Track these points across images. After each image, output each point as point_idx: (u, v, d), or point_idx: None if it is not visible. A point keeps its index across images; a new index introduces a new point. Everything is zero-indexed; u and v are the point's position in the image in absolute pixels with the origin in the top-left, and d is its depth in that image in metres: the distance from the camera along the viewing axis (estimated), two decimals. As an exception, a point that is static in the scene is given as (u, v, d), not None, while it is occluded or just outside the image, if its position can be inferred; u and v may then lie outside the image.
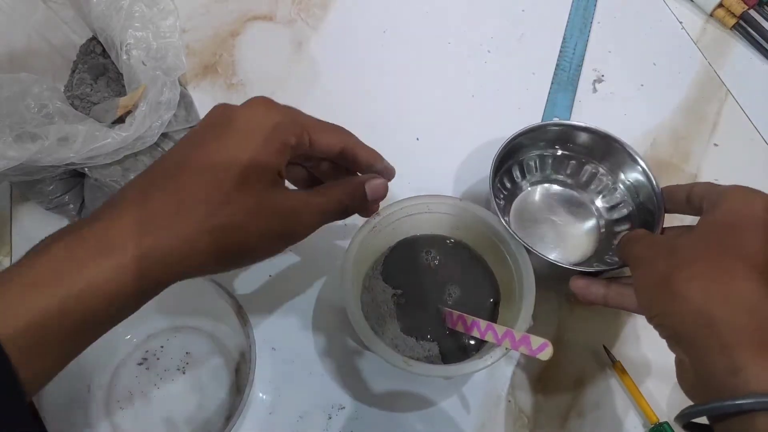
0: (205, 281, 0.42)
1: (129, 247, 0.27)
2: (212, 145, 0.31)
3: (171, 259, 0.28)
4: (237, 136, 0.31)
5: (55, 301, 0.25)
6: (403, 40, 0.65)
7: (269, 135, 0.32)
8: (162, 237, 0.28)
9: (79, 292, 0.25)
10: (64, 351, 0.27)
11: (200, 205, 0.29)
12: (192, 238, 0.28)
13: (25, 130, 0.41)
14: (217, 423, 0.42)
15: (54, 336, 0.25)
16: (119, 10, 0.47)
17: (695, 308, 0.31)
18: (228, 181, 0.30)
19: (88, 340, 0.28)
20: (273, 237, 0.32)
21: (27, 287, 0.25)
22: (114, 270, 0.26)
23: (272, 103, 0.34)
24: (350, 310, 0.39)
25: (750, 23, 0.66)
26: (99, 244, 0.27)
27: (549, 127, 0.51)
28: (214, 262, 0.30)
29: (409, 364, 0.38)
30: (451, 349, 0.42)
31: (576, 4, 0.69)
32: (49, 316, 0.25)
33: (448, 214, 0.46)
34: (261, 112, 0.33)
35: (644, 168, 0.49)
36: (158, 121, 0.46)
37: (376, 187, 0.37)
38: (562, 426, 0.44)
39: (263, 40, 0.64)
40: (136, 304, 0.29)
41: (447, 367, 0.40)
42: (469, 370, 0.38)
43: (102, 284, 0.26)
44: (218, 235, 0.29)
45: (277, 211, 0.32)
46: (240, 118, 0.32)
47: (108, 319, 0.28)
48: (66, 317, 0.25)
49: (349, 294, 0.40)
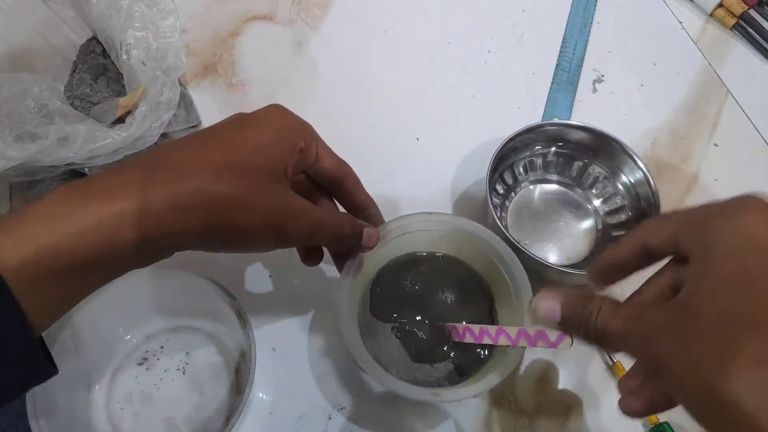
0: (205, 281, 0.42)
1: (130, 197, 0.28)
2: (224, 134, 0.33)
3: (165, 216, 0.29)
4: (250, 129, 0.34)
5: (59, 236, 0.27)
6: (403, 40, 0.65)
7: (280, 133, 0.34)
8: (159, 194, 0.29)
9: (80, 230, 0.27)
10: (66, 290, 0.28)
11: (201, 174, 0.30)
12: (185, 199, 0.30)
13: (25, 130, 0.41)
14: (217, 423, 0.41)
15: (57, 270, 0.27)
16: (119, 10, 0.47)
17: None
18: (234, 162, 0.32)
19: (88, 283, 0.30)
20: (265, 225, 0.33)
21: (37, 220, 0.27)
22: (114, 214, 0.28)
23: (288, 110, 0.36)
24: (360, 360, 0.38)
25: (750, 23, 0.66)
26: (103, 190, 0.29)
27: (547, 127, 0.52)
28: (201, 229, 0.31)
29: (438, 394, 0.37)
30: (467, 362, 0.42)
31: (576, 4, 0.69)
32: (52, 250, 0.26)
33: (423, 230, 0.44)
34: (276, 114, 0.35)
35: (642, 168, 0.49)
36: (158, 121, 0.46)
37: (370, 236, 0.39)
38: (562, 426, 0.44)
39: (263, 40, 0.64)
40: (132, 257, 0.30)
41: (476, 385, 0.37)
42: (496, 381, 0.37)
43: (102, 225, 0.28)
44: (213, 202, 0.30)
45: (276, 201, 0.33)
46: (256, 117, 0.35)
47: (107, 265, 0.29)
48: (69, 252, 0.27)
49: (353, 341, 0.39)
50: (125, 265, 0.30)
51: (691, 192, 0.56)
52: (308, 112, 0.36)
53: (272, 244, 0.34)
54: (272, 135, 0.34)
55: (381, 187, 0.42)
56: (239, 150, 0.32)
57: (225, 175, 0.31)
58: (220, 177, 0.31)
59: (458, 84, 0.62)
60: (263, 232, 0.33)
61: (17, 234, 0.26)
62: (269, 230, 0.33)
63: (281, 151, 0.34)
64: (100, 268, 0.29)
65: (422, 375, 0.41)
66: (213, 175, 0.31)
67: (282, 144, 0.34)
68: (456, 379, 0.41)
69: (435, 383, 0.41)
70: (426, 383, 0.41)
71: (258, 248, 0.35)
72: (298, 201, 0.34)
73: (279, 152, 0.34)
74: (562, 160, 0.54)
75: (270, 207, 0.32)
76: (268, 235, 0.33)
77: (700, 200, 0.54)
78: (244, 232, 0.32)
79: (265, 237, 0.33)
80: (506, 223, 0.52)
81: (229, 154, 0.32)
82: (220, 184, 0.31)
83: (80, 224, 0.27)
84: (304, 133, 0.36)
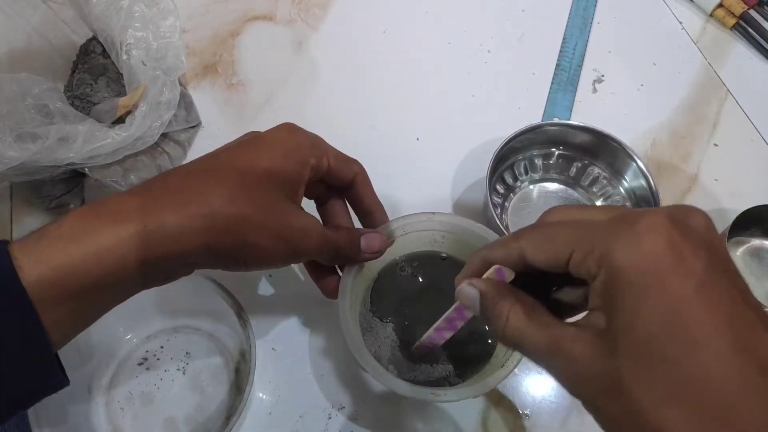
0: (205, 281, 0.42)
1: (145, 218, 0.29)
2: (236, 156, 0.34)
3: (179, 237, 0.30)
4: (259, 148, 0.35)
5: (75, 255, 0.28)
6: (403, 40, 0.65)
7: (290, 151, 0.35)
8: (173, 215, 0.30)
9: (96, 251, 0.28)
10: (83, 308, 0.29)
11: (214, 196, 0.31)
12: (199, 221, 0.30)
13: (25, 130, 0.41)
14: (217, 423, 0.42)
15: (74, 288, 0.28)
16: (119, 10, 0.47)
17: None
18: (246, 184, 0.32)
19: (106, 301, 0.30)
20: (277, 243, 0.33)
21: (56, 240, 0.28)
22: (129, 235, 0.29)
23: (297, 127, 0.37)
24: (361, 359, 0.38)
25: (750, 23, 0.66)
26: (120, 211, 0.30)
27: (547, 127, 0.52)
28: (214, 249, 0.31)
29: (438, 394, 0.37)
30: (467, 362, 0.41)
31: (576, 4, 0.69)
32: (69, 270, 0.27)
33: (425, 230, 0.44)
34: (285, 135, 0.36)
35: (642, 168, 0.49)
36: (158, 121, 0.46)
37: (371, 239, 0.39)
38: (563, 426, 0.44)
39: (263, 40, 0.64)
40: (147, 277, 0.30)
41: (476, 386, 0.37)
42: (496, 383, 0.37)
43: (117, 245, 0.28)
44: (226, 224, 0.31)
45: (286, 221, 0.34)
46: (266, 136, 0.36)
47: (122, 284, 0.30)
48: (85, 272, 0.28)
49: (355, 341, 0.38)
50: (140, 284, 0.31)
51: (691, 192, 0.56)
52: (308, 112, 0.36)
53: (285, 260, 0.35)
54: (282, 156, 0.34)
55: (381, 187, 0.42)
56: (251, 172, 0.33)
57: (237, 197, 0.32)
58: (232, 199, 0.32)
59: (458, 84, 0.62)
60: (275, 250, 0.34)
61: (36, 254, 0.27)
62: (281, 248, 0.34)
63: (292, 171, 0.35)
64: (116, 287, 0.30)
65: (422, 375, 0.41)
66: (225, 197, 0.31)
67: (293, 164, 0.35)
68: (455, 381, 0.41)
69: (435, 383, 0.41)
70: (426, 383, 0.41)
71: (271, 264, 0.36)
72: (307, 218, 0.35)
73: (289, 173, 0.35)
74: (562, 160, 0.54)
75: (281, 226, 0.33)
76: (279, 252, 0.34)
77: (700, 200, 0.55)
78: (257, 250, 0.33)
79: (277, 254, 0.34)
80: (506, 223, 0.52)
81: (241, 176, 0.33)
82: (233, 205, 0.31)
83: (96, 244, 0.28)
84: (313, 149, 0.37)
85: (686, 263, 0.21)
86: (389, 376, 0.38)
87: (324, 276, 0.41)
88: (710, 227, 0.23)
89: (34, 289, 0.26)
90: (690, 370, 0.20)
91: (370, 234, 0.40)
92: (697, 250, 0.21)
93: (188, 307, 0.45)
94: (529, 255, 0.25)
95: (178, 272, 0.33)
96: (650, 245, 0.21)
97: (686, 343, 0.20)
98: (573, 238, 0.24)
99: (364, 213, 0.42)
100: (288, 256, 0.35)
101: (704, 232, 0.22)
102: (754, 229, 0.52)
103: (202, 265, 0.33)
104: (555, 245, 0.24)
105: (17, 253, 0.27)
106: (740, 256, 0.52)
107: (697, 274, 0.21)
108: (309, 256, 0.37)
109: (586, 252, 0.23)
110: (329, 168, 0.38)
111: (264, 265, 0.35)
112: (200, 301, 0.43)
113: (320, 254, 0.37)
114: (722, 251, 0.22)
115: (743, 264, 0.51)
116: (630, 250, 0.21)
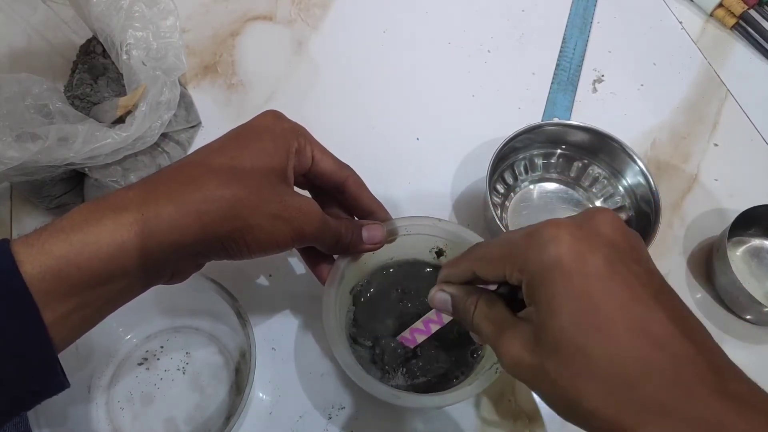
0: (205, 281, 0.42)
1: (143, 207, 0.30)
2: (225, 144, 0.35)
3: (177, 224, 0.30)
4: (247, 136, 0.36)
5: (76, 246, 0.28)
6: (403, 40, 0.65)
7: (276, 136, 0.36)
8: (169, 204, 0.31)
9: (96, 241, 0.28)
10: (87, 302, 0.29)
11: (207, 182, 0.32)
12: (195, 206, 0.31)
13: (25, 130, 0.41)
14: (217, 423, 0.42)
15: (77, 281, 0.28)
16: (119, 10, 0.47)
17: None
18: (237, 167, 0.33)
19: (110, 296, 0.30)
20: (277, 222, 0.33)
21: (57, 232, 0.28)
22: (128, 223, 0.29)
23: (281, 114, 0.38)
24: (346, 367, 0.38)
25: (750, 23, 0.66)
26: (117, 204, 0.30)
27: (547, 127, 0.52)
28: (214, 235, 0.32)
29: (399, 396, 0.37)
30: (460, 364, 0.42)
31: (576, 4, 0.69)
32: (71, 260, 0.28)
33: (428, 235, 0.44)
34: (269, 120, 0.37)
35: (642, 168, 0.49)
36: (158, 121, 0.46)
37: (374, 229, 0.40)
38: (563, 426, 0.44)
39: (263, 40, 0.64)
40: (141, 268, 0.30)
41: (468, 389, 0.37)
42: (487, 383, 0.37)
43: (111, 234, 0.29)
44: (222, 207, 0.31)
45: (283, 200, 0.34)
46: (252, 124, 0.37)
47: (125, 277, 0.30)
48: (87, 263, 0.28)
49: (341, 351, 0.39)
50: (143, 278, 0.31)
51: (691, 191, 0.56)
52: (308, 112, 0.36)
53: (286, 241, 0.35)
54: (269, 139, 0.35)
55: (381, 187, 0.42)
56: (240, 156, 0.34)
57: (230, 180, 0.32)
58: (225, 183, 0.32)
59: (458, 84, 0.62)
60: (276, 230, 0.34)
61: (38, 246, 0.27)
62: (282, 228, 0.34)
63: (279, 154, 0.35)
64: (119, 279, 0.30)
65: (416, 378, 0.41)
66: (218, 182, 0.32)
67: (279, 147, 0.35)
68: (450, 384, 0.41)
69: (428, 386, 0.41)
70: (419, 386, 0.41)
71: (274, 247, 0.35)
72: (305, 199, 0.35)
73: (277, 155, 0.35)
74: (562, 160, 0.54)
75: (280, 206, 0.34)
76: (281, 233, 0.34)
77: (700, 200, 0.55)
78: (259, 231, 0.33)
79: (278, 235, 0.34)
80: (506, 223, 0.52)
81: (232, 161, 0.33)
82: (226, 189, 0.32)
83: (96, 233, 0.28)
84: (296, 135, 0.37)
85: (585, 261, 0.25)
86: (377, 384, 0.38)
87: (319, 263, 0.41)
88: (615, 225, 0.27)
89: (36, 282, 0.26)
90: (595, 352, 0.24)
91: (372, 225, 0.40)
92: (596, 248, 0.25)
93: (188, 307, 0.45)
94: (479, 273, 0.30)
95: (182, 265, 0.33)
96: (553, 250, 0.25)
97: (590, 331, 0.24)
98: (502, 255, 0.28)
99: (365, 213, 0.41)
100: (290, 239, 0.35)
101: (608, 231, 0.26)
102: (754, 229, 0.52)
103: (204, 254, 0.33)
104: (493, 264, 0.29)
105: (18, 248, 0.27)
106: (740, 256, 0.52)
107: (596, 268, 0.25)
108: (310, 238, 0.36)
109: (512, 265, 0.27)
110: (314, 160, 0.38)
111: (266, 249, 0.35)
112: (200, 301, 0.43)
113: (322, 238, 0.37)
114: (623, 245, 0.26)
115: (743, 264, 0.51)
116: (538, 258, 0.26)
